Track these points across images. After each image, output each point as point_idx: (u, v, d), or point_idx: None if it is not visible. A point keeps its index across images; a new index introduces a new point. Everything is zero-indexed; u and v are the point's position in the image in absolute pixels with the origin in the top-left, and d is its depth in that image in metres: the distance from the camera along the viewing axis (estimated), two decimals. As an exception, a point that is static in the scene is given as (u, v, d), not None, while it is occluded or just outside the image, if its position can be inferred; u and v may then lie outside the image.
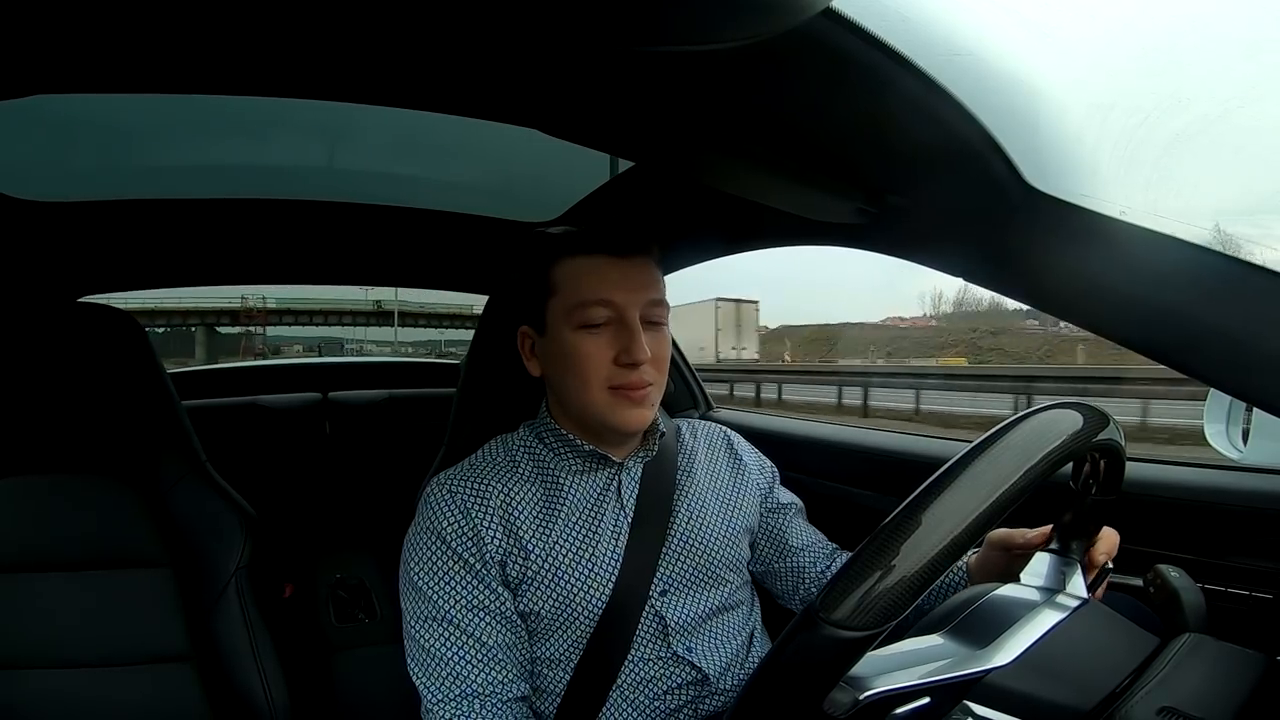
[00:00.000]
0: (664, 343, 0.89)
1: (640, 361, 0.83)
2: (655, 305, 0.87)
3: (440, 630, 0.82)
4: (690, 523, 0.92)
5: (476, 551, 0.83)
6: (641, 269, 0.88)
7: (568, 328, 0.85)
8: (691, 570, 0.90)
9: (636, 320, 0.85)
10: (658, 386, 0.88)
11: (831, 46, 0.57)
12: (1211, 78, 0.70)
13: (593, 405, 0.86)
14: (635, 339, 0.83)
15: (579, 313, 0.85)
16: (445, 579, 0.83)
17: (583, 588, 0.85)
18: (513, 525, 0.85)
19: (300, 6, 0.54)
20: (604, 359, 0.84)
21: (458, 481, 0.87)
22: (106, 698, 1.03)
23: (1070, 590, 0.69)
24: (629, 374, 0.84)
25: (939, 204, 0.84)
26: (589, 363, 0.84)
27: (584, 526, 0.87)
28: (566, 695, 0.85)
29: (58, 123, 1.00)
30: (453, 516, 0.84)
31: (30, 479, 1.08)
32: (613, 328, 0.85)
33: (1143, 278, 0.70)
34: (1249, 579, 0.83)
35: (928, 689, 0.54)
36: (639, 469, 0.93)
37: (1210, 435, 1.13)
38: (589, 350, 0.84)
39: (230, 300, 41.25)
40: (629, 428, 0.87)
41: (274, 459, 2.03)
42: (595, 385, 0.85)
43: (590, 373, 0.84)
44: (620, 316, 0.85)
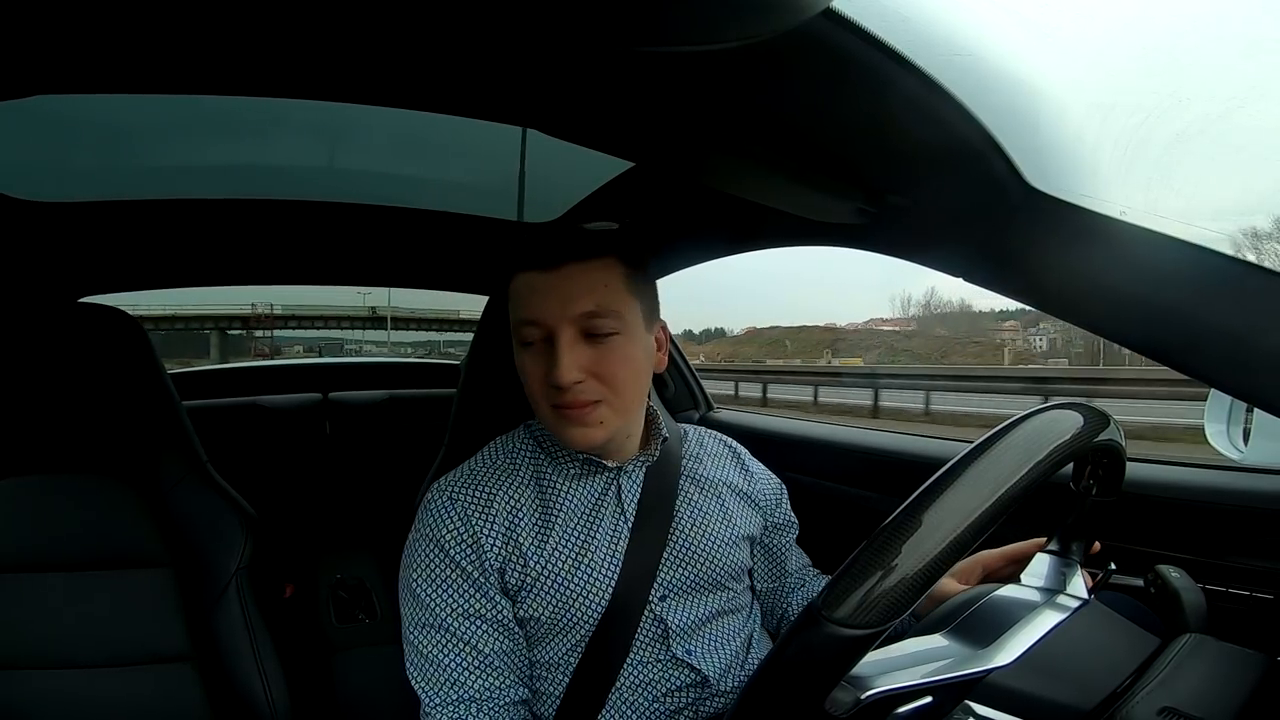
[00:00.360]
0: (613, 357, 0.82)
1: (562, 384, 0.79)
2: (592, 317, 0.81)
3: (438, 637, 0.82)
4: (692, 530, 0.91)
5: (476, 560, 0.82)
6: (573, 279, 0.81)
7: (516, 343, 0.85)
8: (693, 577, 0.90)
9: (564, 338, 0.80)
10: (610, 403, 0.83)
11: (832, 47, 0.57)
12: (1212, 77, 0.70)
13: (545, 421, 0.86)
14: (558, 360, 0.79)
15: (518, 331, 0.84)
16: (443, 587, 0.82)
17: (581, 592, 0.84)
18: (513, 531, 0.84)
19: (300, 7, 0.54)
20: (539, 377, 0.82)
21: (459, 487, 0.86)
22: (107, 698, 1.03)
23: (1070, 591, 0.69)
24: (561, 394, 0.80)
25: (939, 204, 0.84)
26: (530, 380, 0.84)
27: (581, 531, 0.86)
28: (565, 698, 0.85)
29: (58, 123, 1.00)
30: (453, 524, 0.83)
31: (31, 479, 1.08)
32: (544, 346, 0.82)
33: (1143, 278, 0.70)
34: (1250, 579, 0.82)
35: (929, 689, 0.54)
36: (641, 473, 0.92)
37: (1211, 435, 1.13)
38: (529, 369, 0.84)
39: (240, 307, 42.06)
40: (576, 446, 0.84)
41: (274, 459, 2.03)
42: (540, 403, 0.84)
43: (532, 390, 0.84)
44: (548, 334, 0.81)
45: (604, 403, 0.82)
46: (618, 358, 0.82)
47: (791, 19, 0.50)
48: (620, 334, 0.82)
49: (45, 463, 1.10)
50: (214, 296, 41.23)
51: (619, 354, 0.82)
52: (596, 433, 0.83)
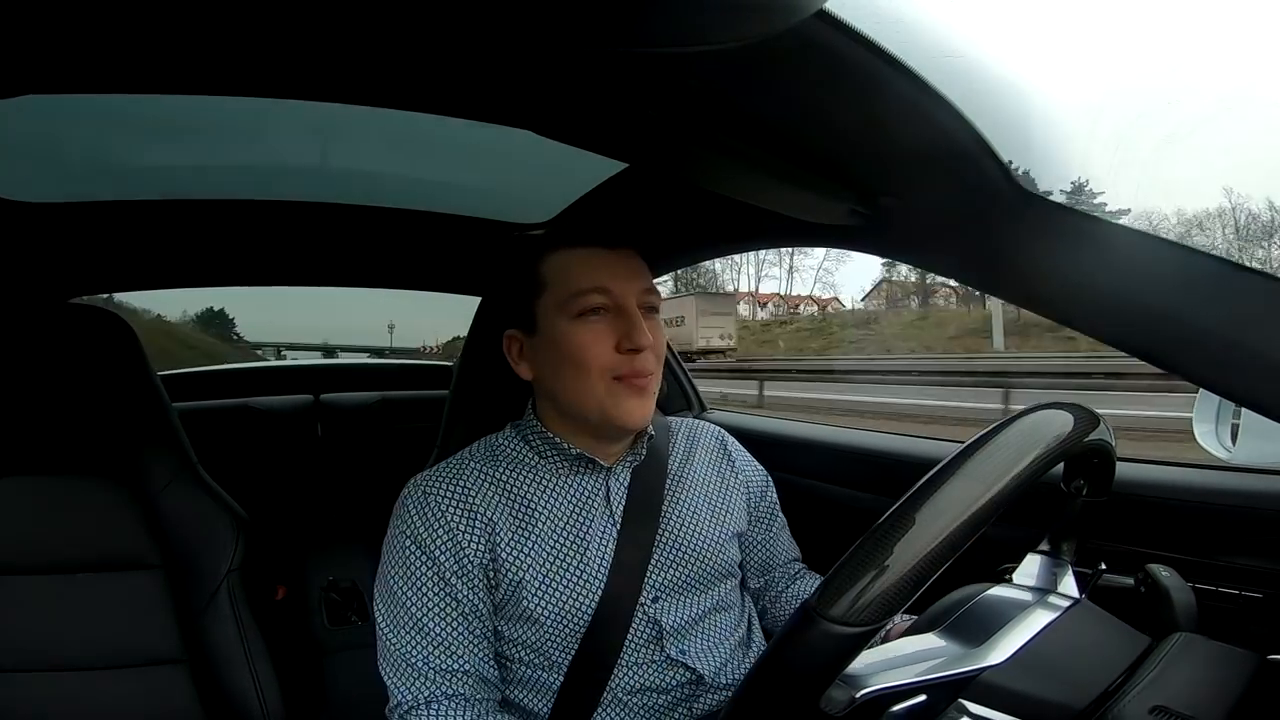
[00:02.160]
0: (660, 332, 0.88)
1: (642, 346, 0.82)
2: (649, 293, 0.87)
3: (411, 636, 0.81)
4: (681, 530, 0.91)
5: (453, 557, 0.82)
6: (631, 259, 0.88)
7: (562, 320, 0.84)
8: (683, 577, 0.90)
9: (635, 306, 0.84)
10: (656, 378, 0.87)
11: (825, 48, 0.58)
12: (1202, 80, 0.70)
13: (593, 399, 0.84)
14: (636, 323, 0.82)
15: (574, 302, 0.83)
16: (419, 585, 0.82)
17: (571, 594, 0.83)
18: (491, 526, 0.84)
19: (294, 7, 0.54)
20: (604, 347, 0.83)
21: (433, 484, 0.86)
22: (98, 700, 1.03)
23: (1062, 590, 0.70)
24: (632, 360, 0.83)
25: (932, 206, 0.85)
26: (588, 352, 0.83)
27: (570, 532, 0.86)
28: (558, 700, 0.84)
29: (49, 123, 0.99)
30: (428, 521, 0.83)
31: (20, 480, 1.07)
32: (610, 315, 0.84)
33: (1132, 279, 0.71)
34: (1239, 578, 0.83)
35: (923, 687, 0.54)
36: (627, 474, 0.91)
37: (1199, 435, 1.14)
38: (587, 339, 0.83)
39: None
40: (632, 421, 0.85)
41: (266, 461, 2.02)
42: (596, 375, 0.83)
43: (590, 362, 0.83)
44: (618, 304, 0.84)
45: (654, 376, 0.86)
46: (660, 331, 0.88)
47: (784, 21, 0.50)
48: (659, 311, 0.90)
49: (34, 464, 1.09)
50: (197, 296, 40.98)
51: (660, 328, 0.89)
52: (649, 404, 0.86)
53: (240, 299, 25.30)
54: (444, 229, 1.55)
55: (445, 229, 1.55)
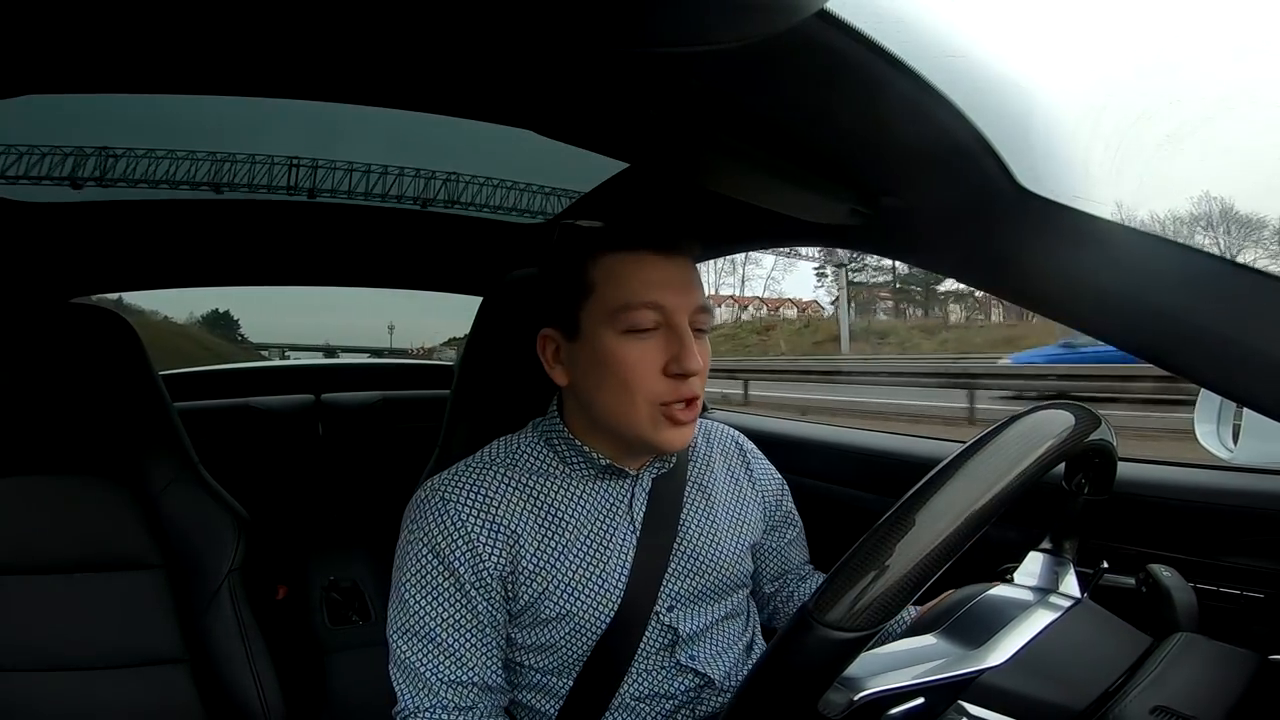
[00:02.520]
0: (708, 352, 0.82)
1: (693, 372, 0.76)
2: (702, 312, 0.80)
3: (422, 646, 0.80)
4: (699, 540, 0.89)
5: (472, 566, 0.79)
6: (686, 269, 0.81)
7: (610, 332, 0.77)
8: (699, 587, 0.88)
9: (688, 327, 0.78)
10: (699, 403, 0.81)
11: (826, 48, 0.58)
12: (1203, 79, 0.70)
13: (635, 422, 0.79)
14: (687, 346, 0.76)
15: (625, 316, 0.77)
16: (435, 595, 0.80)
17: (590, 602, 0.81)
18: (515, 537, 0.81)
19: (295, 7, 0.54)
20: (652, 368, 0.77)
21: (452, 489, 0.82)
22: (99, 700, 1.03)
23: (1063, 590, 0.69)
24: (679, 386, 0.77)
25: (932, 205, 0.85)
26: (634, 372, 0.77)
27: (593, 541, 0.83)
28: (566, 704, 0.84)
29: (50, 123, 0.99)
30: (446, 530, 0.80)
31: (21, 480, 1.07)
32: (661, 334, 0.77)
33: (1134, 279, 0.71)
34: (1241, 578, 0.83)
35: (922, 689, 0.54)
36: (649, 481, 0.88)
37: (1201, 435, 1.13)
38: (635, 358, 0.77)
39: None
40: (673, 447, 0.80)
41: (267, 461, 2.02)
42: (640, 398, 0.77)
43: (636, 383, 0.77)
44: (669, 322, 0.77)
45: (698, 401, 0.80)
46: (708, 351, 0.82)
47: (785, 20, 0.50)
48: (708, 333, 0.83)
49: (36, 464, 1.09)
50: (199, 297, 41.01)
51: (708, 351, 0.82)
52: (690, 433, 0.81)
53: (243, 301, 25.57)
54: (445, 229, 1.55)
55: (447, 229, 1.55)
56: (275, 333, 25.56)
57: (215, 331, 25.14)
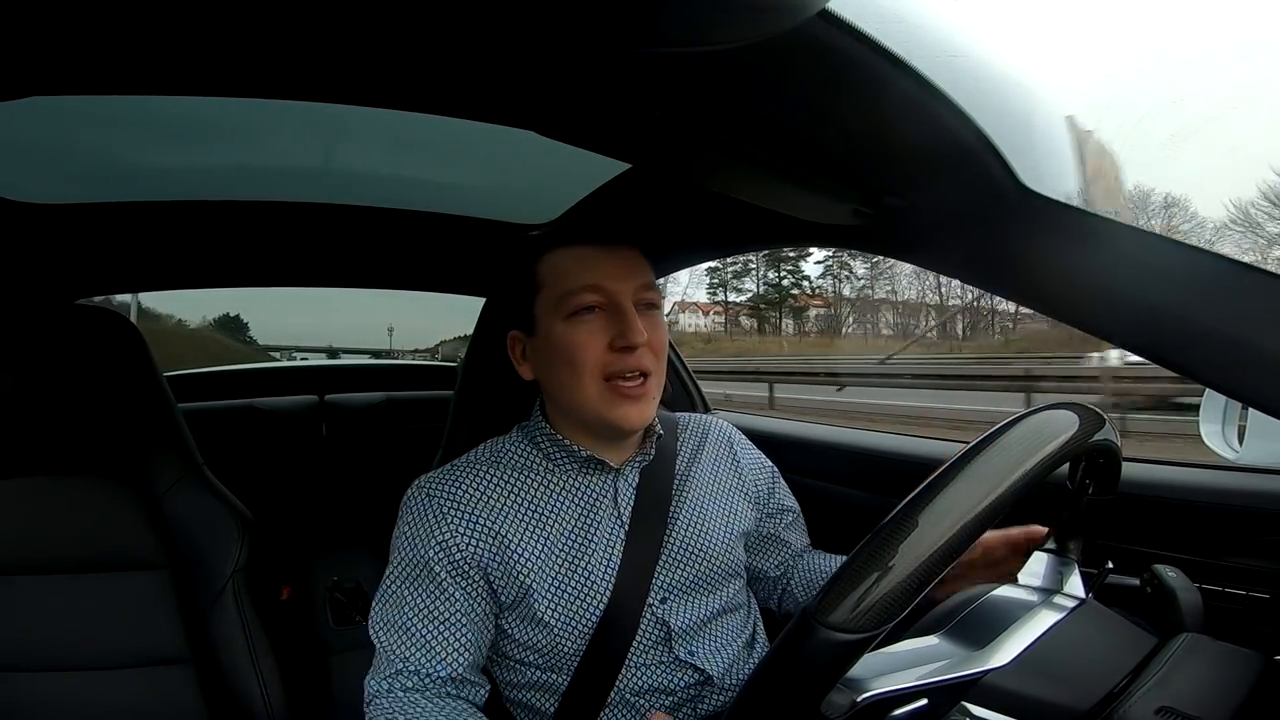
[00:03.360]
0: (660, 329, 0.87)
1: (635, 344, 0.81)
2: (647, 289, 0.86)
3: (394, 635, 0.82)
4: (689, 530, 0.91)
5: (449, 563, 0.82)
6: (627, 255, 0.87)
7: (557, 319, 0.84)
8: (691, 578, 0.89)
9: (629, 303, 0.83)
10: (656, 377, 0.86)
11: (828, 48, 0.57)
12: (1207, 79, 0.70)
13: (588, 400, 0.83)
14: (629, 321, 0.82)
15: (567, 301, 0.83)
16: (412, 587, 0.83)
17: (579, 595, 0.83)
18: (496, 531, 0.83)
19: (296, 8, 0.54)
20: (597, 346, 0.82)
21: (436, 486, 0.86)
22: (103, 700, 1.03)
23: (1068, 590, 0.69)
24: (625, 358, 0.82)
25: (935, 205, 0.84)
26: (581, 351, 0.82)
27: (578, 534, 0.86)
28: (566, 695, 0.84)
29: (54, 125, 0.99)
30: (428, 525, 0.83)
31: (27, 480, 1.08)
32: (605, 314, 0.83)
33: (1138, 278, 0.71)
34: (1246, 578, 0.83)
35: (925, 690, 0.54)
36: (636, 475, 0.91)
37: (1206, 435, 1.13)
38: (581, 339, 0.83)
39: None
40: (628, 424, 0.84)
41: (271, 462, 2.03)
42: (589, 375, 0.82)
43: (583, 361, 0.82)
44: (612, 301, 0.83)
45: (653, 375, 0.85)
46: (661, 330, 0.87)
47: (787, 20, 0.50)
48: (659, 309, 0.89)
49: (41, 464, 1.10)
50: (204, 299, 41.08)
51: (661, 326, 0.88)
52: (647, 408, 0.85)
53: (250, 305, 25.95)
54: (447, 230, 1.55)
55: (449, 230, 1.55)
56: (281, 335, 25.87)
57: (226, 334, 25.65)
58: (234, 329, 27.04)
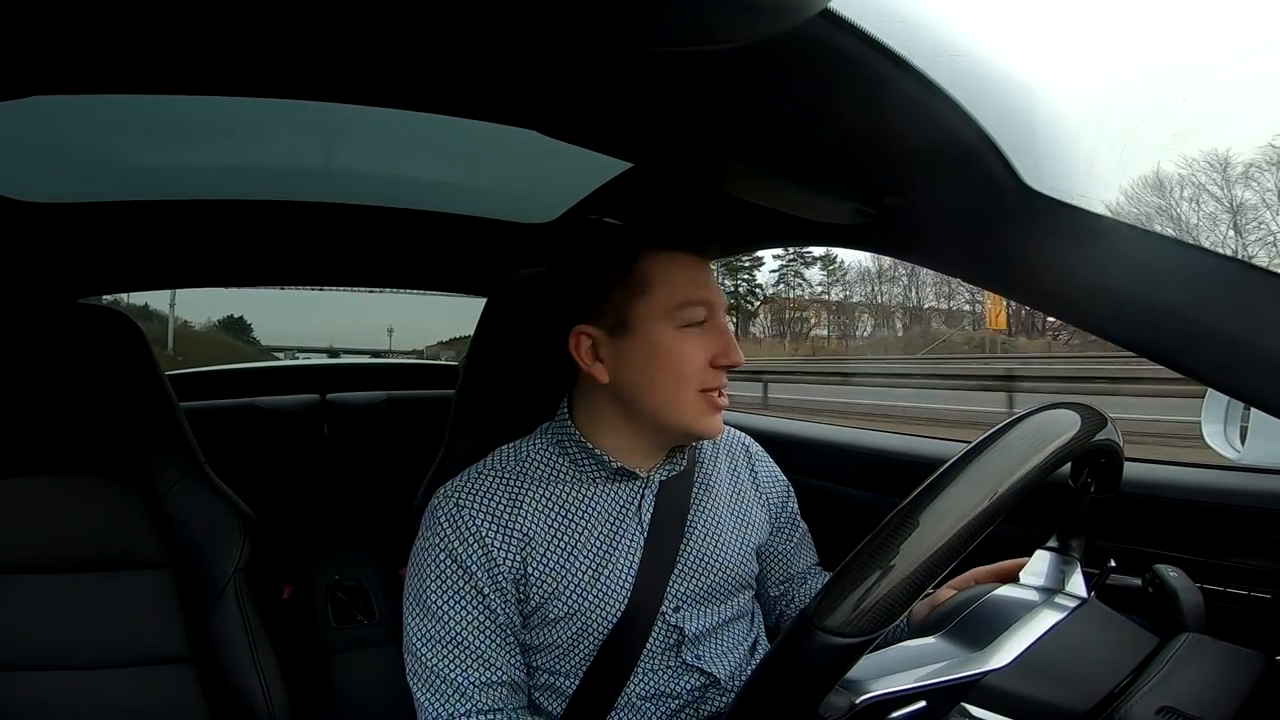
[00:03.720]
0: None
1: (737, 363, 0.83)
2: (725, 310, 0.87)
3: (449, 651, 0.80)
4: (705, 541, 0.90)
5: (488, 570, 0.80)
6: (710, 268, 0.87)
7: (668, 327, 0.81)
8: (705, 588, 0.89)
9: (725, 319, 0.84)
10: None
11: (830, 48, 0.58)
12: (1209, 79, 0.70)
13: (684, 409, 0.83)
14: (732, 341, 0.83)
15: (683, 311, 0.81)
16: (458, 600, 0.80)
17: (598, 602, 0.82)
18: (526, 540, 0.82)
19: (298, 8, 0.54)
20: (701, 360, 0.82)
21: (465, 495, 0.83)
22: (104, 699, 1.03)
23: (1070, 590, 0.69)
24: (721, 376, 0.83)
25: (937, 205, 0.84)
26: (689, 363, 0.81)
27: (602, 542, 0.84)
28: (573, 699, 0.84)
29: (56, 124, 0.99)
30: (462, 535, 0.81)
31: (28, 479, 1.08)
32: (708, 328, 0.83)
33: (1139, 278, 0.70)
34: (1248, 579, 0.83)
35: (924, 692, 0.54)
36: (657, 484, 0.90)
37: (1208, 435, 1.13)
38: (689, 351, 0.81)
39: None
40: (712, 433, 0.85)
41: (273, 461, 2.03)
42: (689, 388, 0.82)
43: (690, 375, 0.81)
44: (713, 317, 0.84)
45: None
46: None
47: (789, 20, 0.50)
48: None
49: (43, 463, 1.10)
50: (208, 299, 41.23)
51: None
52: (722, 419, 0.87)
53: (252, 306, 26.20)
54: (450, 229, 1.55)
55: (451, 229, 1.55)
56: (283, 335, 26.13)
57: (231, 335, 25.95)
58: (238, 330, 27.26)
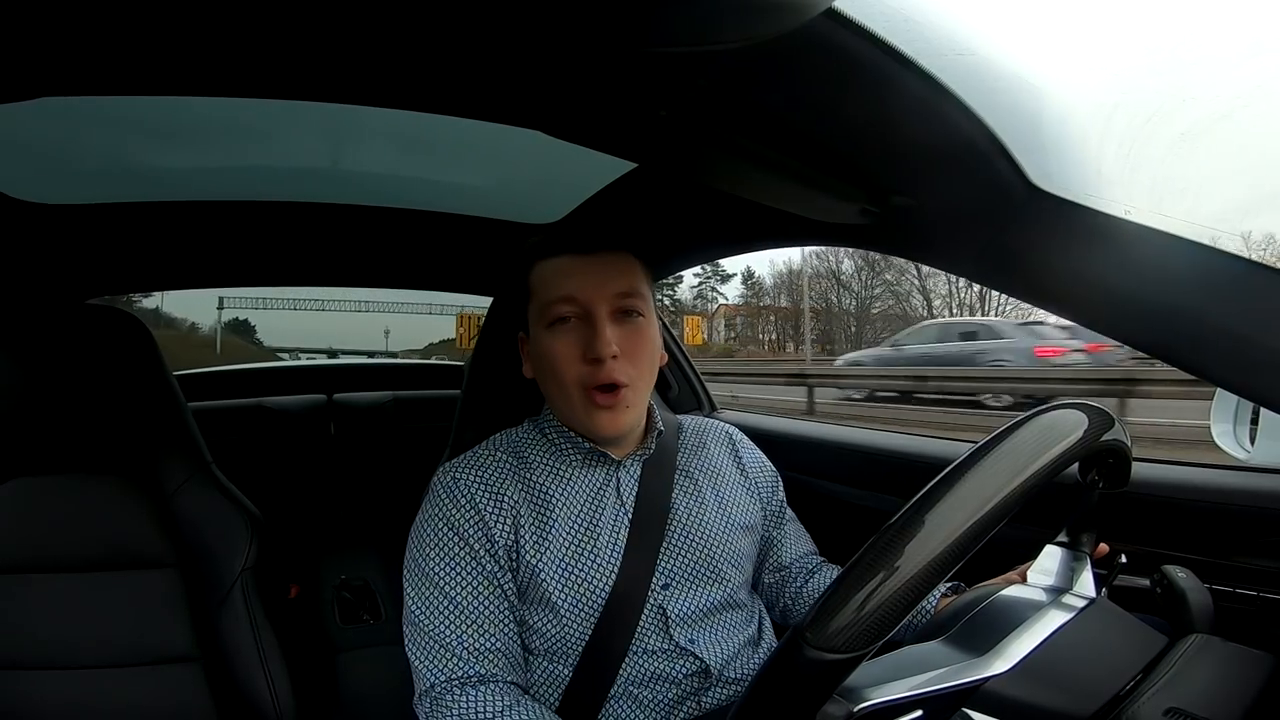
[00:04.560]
0: (641, 336, 0.88)
1: (602, 356, 0.83)
2: (625, 297, 0.87)
3: (448, 614, 0.83)
4: (689, 519, 0.93)
5: (484, 539, 0.84)
6: (608, 263, 0.88)
7: (541, 328, 0.88)
8: (692, 565, 0.91)
9: (602, 314, 0.85)
10: (634, 387, 0.87)
11: (834, 47, 0.57)
12: (1217, 76, 0.70)
13: (570, 407, 0.87)
14: (598, 333, 0.84)
15: (547, 311, 0.87)
16: (455, 564, 0.84)
17: (585, 580, 0.85)
18: (516, 515, 0.86)
19: (304, 8, 0.54)
20: (573, 357, 0.85)
21: (461, 470, 0.89)
22: (112, 698, 1.04)
23: (1078, 589, 0.69)
24: (596, 371, 0.84)
25: (943, 204, 0.84)
26: (560, 362, 0.86)
27: (584, 521, 0.88)
28: (570, 686, 0.85)
29: (65, 126, 1.00)
30: (459, 503, 0.86)
31: (37, 479, 1.09)
32: (579, 324, 0.86)
33: (1148, 277, 0.70)
34: (1256, 579, 0.82)
35: (923, 700, 0.53)
36: (638, 467, 0.94)
37: (1217, 435, 1.12)
38: (559, 349, 0.86)
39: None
40: (605, 433, 0.88)
41: (279, 461, 2.04)
42: (569, 385, 0.86)
43: (562, 372, 0.86)
44: (585, 312, 0.86)
45: (630, 386, 0.86)
46: (643, 338, 0.89)
47: (794, 19, 0.50)
48: (644, 316, 0.90)
49: (51, 463, 1.11)
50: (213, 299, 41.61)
51: (644, 334, 0.89)
52: (624, 417, 0.88)
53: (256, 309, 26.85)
54: (454, 229, 1.56)
55: (456, 229, 1.56)
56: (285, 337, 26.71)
57: (237, 337, 26.65)
58: (243, 332, 27.86)
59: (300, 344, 24.86)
